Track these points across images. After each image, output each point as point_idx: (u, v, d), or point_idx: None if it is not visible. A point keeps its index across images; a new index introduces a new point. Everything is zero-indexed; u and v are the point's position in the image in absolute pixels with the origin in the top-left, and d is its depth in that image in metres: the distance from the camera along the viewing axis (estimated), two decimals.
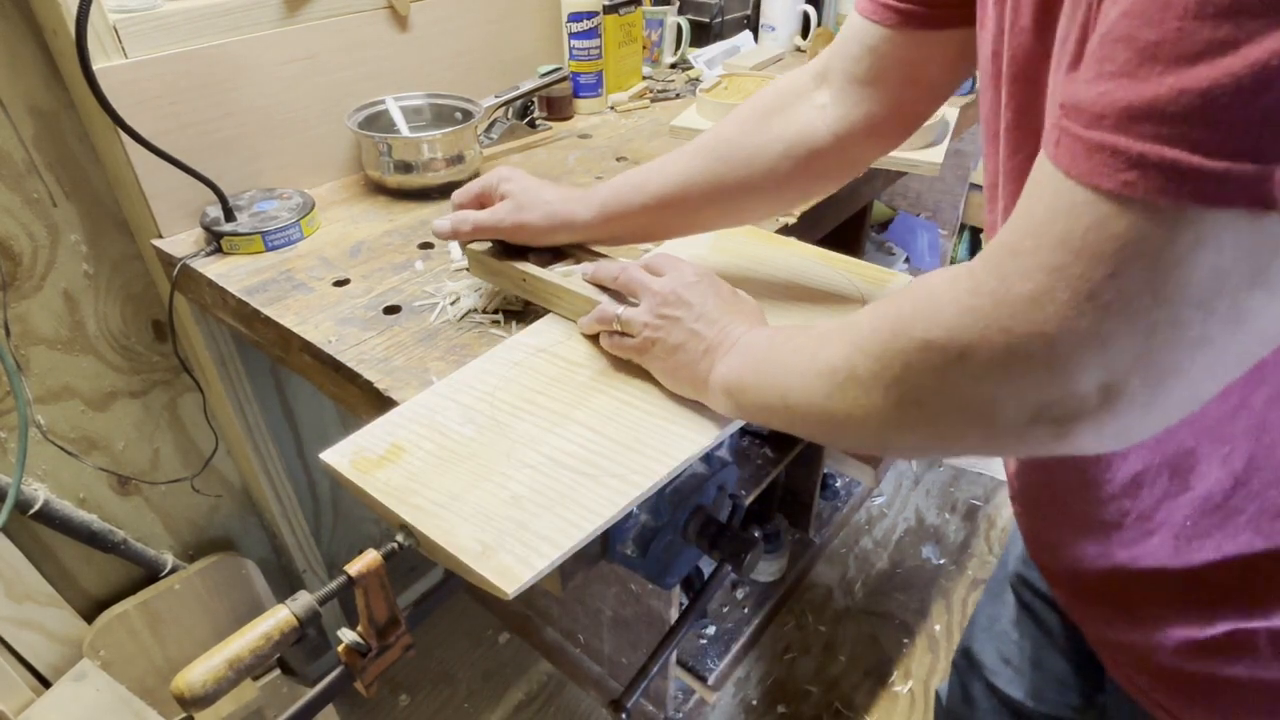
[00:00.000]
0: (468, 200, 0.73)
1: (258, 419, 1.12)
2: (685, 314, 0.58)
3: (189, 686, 0.44)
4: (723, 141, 0.65)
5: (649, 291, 0.60)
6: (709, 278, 0.60)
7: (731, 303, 0.59)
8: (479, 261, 0.74)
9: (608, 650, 1.18)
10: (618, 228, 0.69)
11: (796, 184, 0.66)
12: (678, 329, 0.57)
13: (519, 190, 0.69)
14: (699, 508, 0.66)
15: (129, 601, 1.10)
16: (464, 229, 0.71)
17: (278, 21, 0.93)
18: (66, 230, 0.93)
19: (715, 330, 0.56)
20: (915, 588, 1.68)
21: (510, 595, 0.46)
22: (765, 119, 0.64)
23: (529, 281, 0.70)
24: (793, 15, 1.57)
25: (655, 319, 0.59)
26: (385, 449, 0.57)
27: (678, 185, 0.66)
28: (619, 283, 0.63)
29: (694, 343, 0.56)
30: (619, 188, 0.68)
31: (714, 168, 0.65)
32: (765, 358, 0.51)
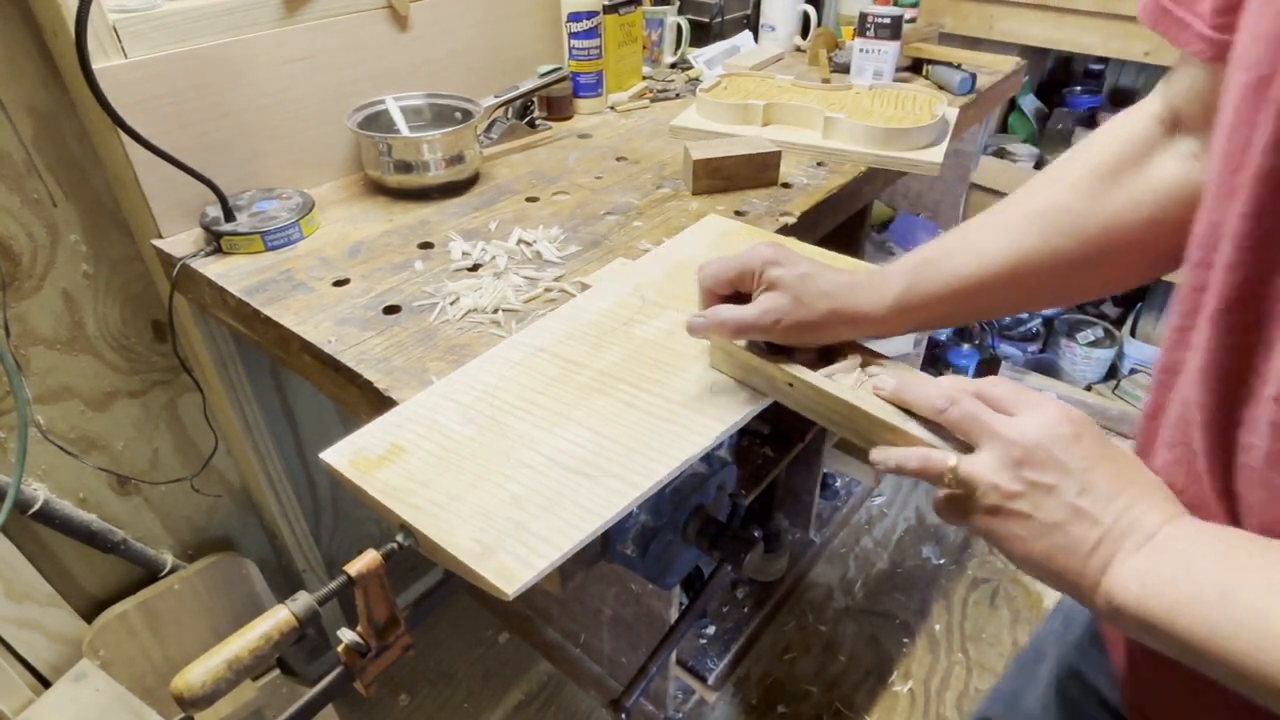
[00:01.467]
0: (721, 285, 0.59)
1: (257, 419, 1.12)
2: (1063, 481, 0.42)
3: (188, 686, 0.44)
4: (1062, 211, 0.53)
5: (1001, 441, 0.44)
6: (1091, 427, 0.44)
7: (1128, 468, 0.44)
8: (730, 357, 0.62)
9: (608, 650, 1.18)
10: (916, 320, 0.57)
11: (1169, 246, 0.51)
12: (1051, 503, 0.42)
13: (793, 280, 0.56)
14: (699, 508, 0.66)
15: (129, 601, 1.10)
16: (727, 332, 0.58)
17: (277, 21, 0.93)
18: (66, 230, 0.93)
19: (1112, 513, 0.41)
20: (915, 587, 1.68)
21: (510, 596, 0.46)
22: (1114, 179, 0.52)
23: (798, 388, 0.57)
24: (793, 15, 1.57)
25: (1013, 482, 0.43)
26: (385, 449, 0.57)
27: (1004, 266, 0.54)
28: (948, 417, 0.47)
29: (1079, 527, 0.41)
30: (918, 272, 0.56)
31: (1056, 243, 0.53)
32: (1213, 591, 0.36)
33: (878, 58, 1.28)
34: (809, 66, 1.47)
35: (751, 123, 1.17)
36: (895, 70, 1.29)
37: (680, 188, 1.03)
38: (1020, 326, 2.06)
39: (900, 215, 1.88)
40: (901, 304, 0.56)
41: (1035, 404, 0.45)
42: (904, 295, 0.56)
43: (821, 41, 1.44)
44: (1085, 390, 1.98)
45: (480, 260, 0.86)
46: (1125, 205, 0.51)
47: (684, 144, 1.03)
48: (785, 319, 0.55)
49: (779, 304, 0.55)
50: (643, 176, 1.06)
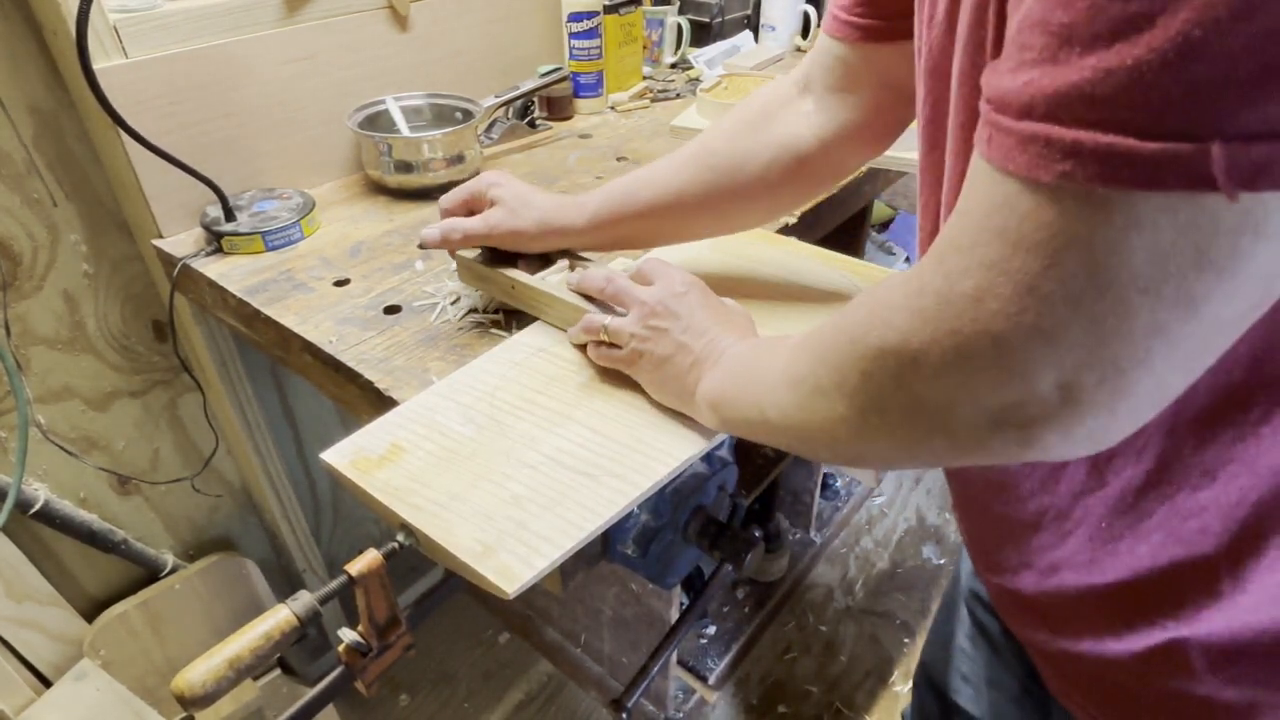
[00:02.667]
0: (455, 206, 0.72)
1: (258, 419, 1.12)
2: (673, 325, 0.57)
3: (189, 686, 0.44)
4: (711, 151, 0.66)
5: (636, 302, 0.59)
6: (698, 287, 0.60)
7: (720, 313, 0.59)
8: (468, 268, 0.74)
9: (608, 650, 1.18)
10: (609, 235, 0.69)
11: (786, 190, 0.67)
12: (665, 341, 0.57)
13: (510, 196, 0.69)
14: (699, 508, 0.66)
15: (129, 601, 1.10)
16: (454, 238, 0.70)
17: (278, 21, 0.93)
18: (66, 230, 0.93)
19: (703, 342, 0.56)
20: (916, 588, 1.68)
21: (510, 595, 0.46)
22: (752, 127, 0.65)
23: (518, 289, 0.69)
24: (793, 15, 1.57)
25: (643, 330, 0.58)
26: (385, 449, 0.57)
27: (670, 194, 0.66)
28: (606, 293, 0.63)
29: (681, 355, 0.56)
30: (611, 195, 0.68)
31: (704, 176, 0.65)
32: (745, 371, 0.51)
33: None
34: None
35: None
36: None
37: None
38: None
39: (900, 215, 1.88)
40: (596, 220, 0.67)
41: (664, 274, 0.60)
42: (597, 213, 0.67)
43: None
44: None
45: None
46: (753, 148, 0.64)
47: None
48: (500, 225, 0.68)
49: (498, 215, 0.68)
50: None
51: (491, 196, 0.69)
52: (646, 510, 0.61)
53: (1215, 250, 0.26)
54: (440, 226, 0.70)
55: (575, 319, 0.65)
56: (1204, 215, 0.26)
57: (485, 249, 0.72)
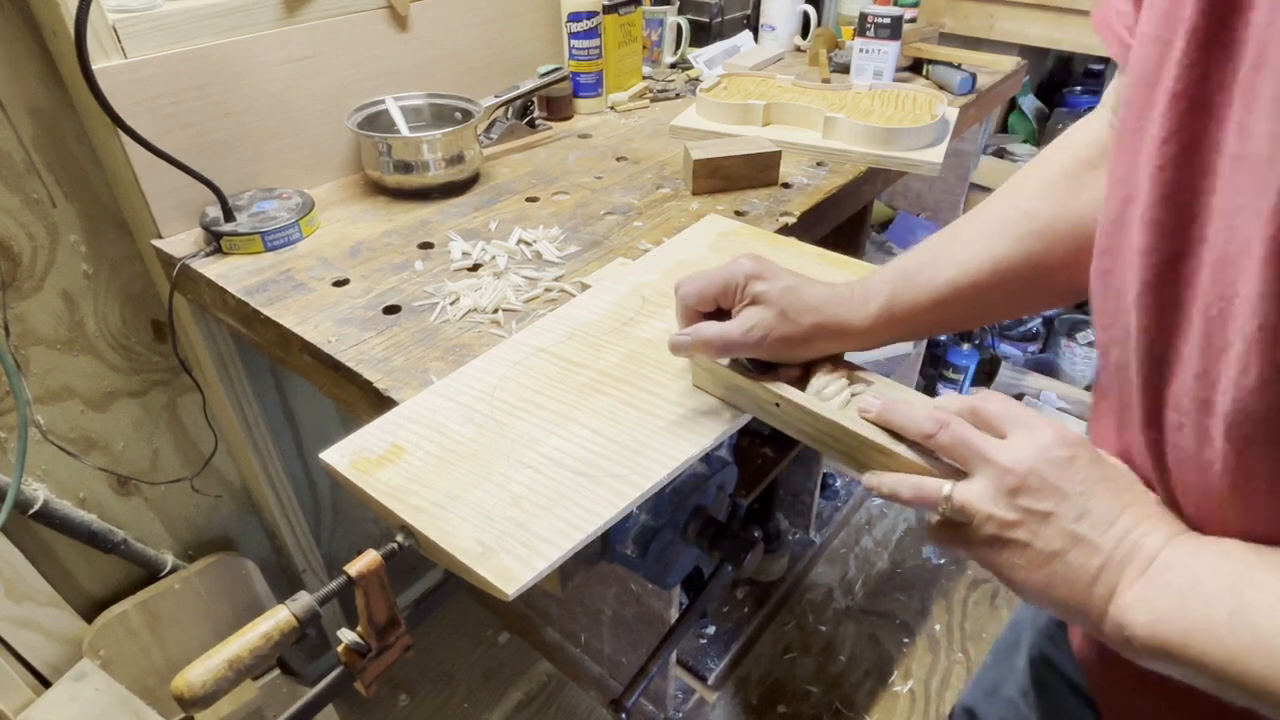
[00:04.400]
0: (703, 302, 0.57)
1: (258, 419, 1.12)
2: (1060, 508, 0.41)
3: (189, 686, 0.44)
4: (1029, 216, 0.53)
5: (995, 466, 0.43)
6: (1085, 448, 0.43)
7: (1125, 489, 0.42)
8: (712, 373, 0.60)
9: (608, 650, 1.18)
10: (900, 330, 0.56)
11: None
12: (1049, 531, 0.41)
13: (777, 295, 0.55)
14: (699, 508, 0.66)
15: (129, 601, 1.10)
16: (712, 350, 0.56)
17: (277, 21, 0.93)
18: (66, 230, 0.93)
19: (1112, 538, 0.40)
20: (916, 587, 1.68)
21: (510, 596, 0.46)
22: (1076, 181, 0.53)
23: (784, 408, 0.55)
24: (793, 15, 1.57)
25: (1010, 511, 0.42)
26: (385, 449, 0.57)
27: (983, 271, 0.54)
28: (938, 443, 0.46)
29: (1080, 554, 0.40)
30: (899, 282, 0.56)
31: (1028, 247, 0.53)
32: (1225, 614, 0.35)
33: (878, 58, 1.28)
34: (809, 66, 1.47)
35: (751, 123, 1.17)
36: (895, 70, 1.29)
37: (680, 188, 1.03)
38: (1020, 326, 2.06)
39: (900, 215, 1.88)
40: (885, 316, 0.55)
41: (1028, 424, 0.44)
42: (887, 307, 0.55)
43: (821, 41, 1.44)
44: (1085, 390, 1.98)
45: (480, 260, 0.86)
46: (1088, 205, 0.52)
47: (684, 144, 1.03)
48: (771, 334, 0.54)
49: (764, 319, 0.54)
50: (643, 176, 1.06)
51: (753, 294, 0.55)
52: (646, 510, 0.61)
53: None
54: (695, 336, 0.55)
55: (872, 457, 0.51)
56: None
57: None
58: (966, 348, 1.89)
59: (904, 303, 0.55)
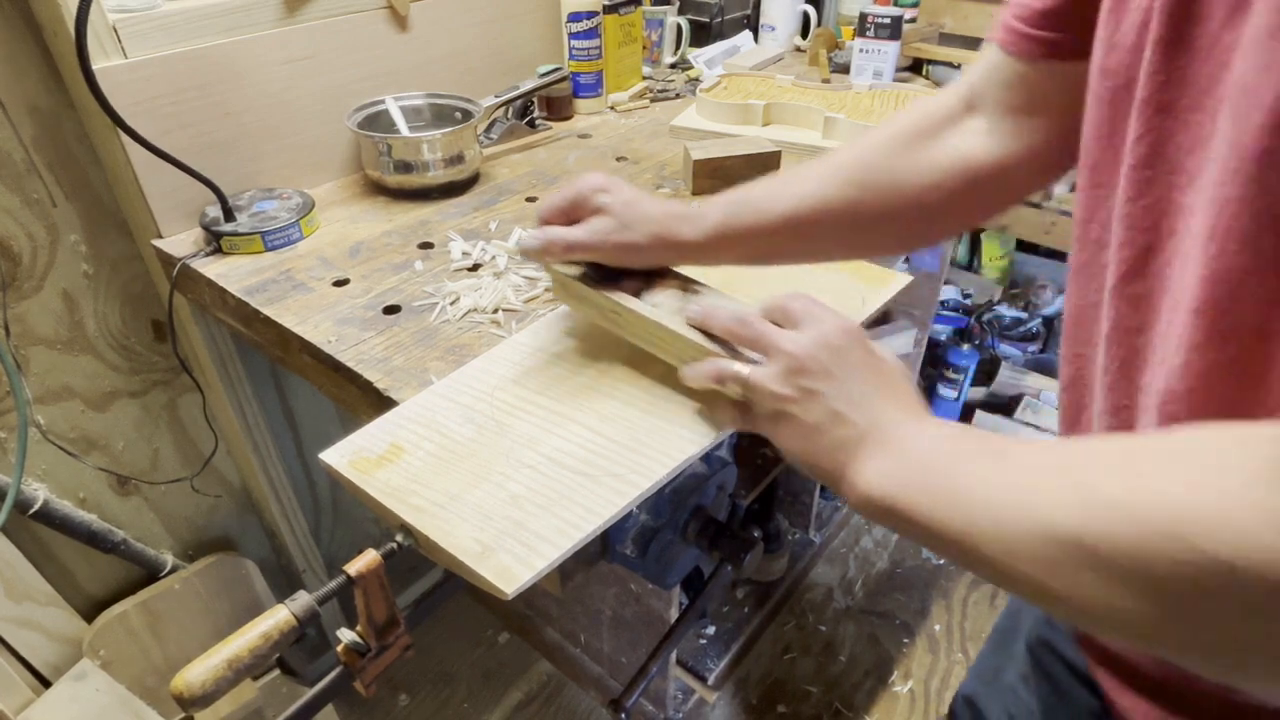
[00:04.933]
0: (554, 214, 0.63)
1: (258, 419, 1.12)
2: (827, 388, 0.47)
3: (188, 686, 0.44)
4: (863, 165, 0.58)
5: (780, 351, 0.49)
6: (856, 337, 0.50)
7: (883, 376, 0.49)
8: (565, 287, 0.65)
9: (608, 650, 1.18)
10: (731, 252, 0.61)
11: (948, 214, 0.59)
12: (816, 406, 0.47)
13: (619, 205, 0.60)
14: (699, 508, 0.66)
15: (129, 601, 1.10)
16: (556, 250, 0.61)
17: (277, 21, 0.93)
18: (66, 230, 0.93)
19: (864, 416, 0.46)
20: (915, 587, 1.68)
21: (509, 596, 0.46)
22: (913, 144, 0.58)
23: (623, 316, 0.61)
24: (792, 15, 1.57)
25: (789, 389, 0.48)
26: (384, 449, 0.57)
27: (808, 209, 0.58)
28: (739, 335, 0.53)
29: (837, 428, 0.46)
30: (736, 207, 0.60)
31: (852, 192, 0.58)
32: (935, 481, 0.41)
33: (878, 58, 1.28)
34: (809, 66, 1.47)
35: (751, 123, 1.17)
36: (895, 70, 1.29)
37: (680, 188, 1.03)
38: (1020, 327, 2.06)
39: None
40: (718, 235, 0.59)
41: (817, 318, 0.50)
42: (720, 226, 0.59)
43: (821, 41, 1.44)
44: None
45: (480, 260, 0.86)
46: (913, 167, 0.57)
47: (684, 144, 1.03)
48: (611, 238, 0.59)
49: (606, 225, 0.60)
50: (643, 176, 1.06)
51: (597, 204, 0.61)
52: (646, 510, 0.61)
53: None
54: (541, 236, 0.61)
55: (692, 356, 0.57)
56: None
57: (587, 264, 0.64)
58: (966, 348, 1.89)
59: (738, 226, 0.59)
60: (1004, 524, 0.36)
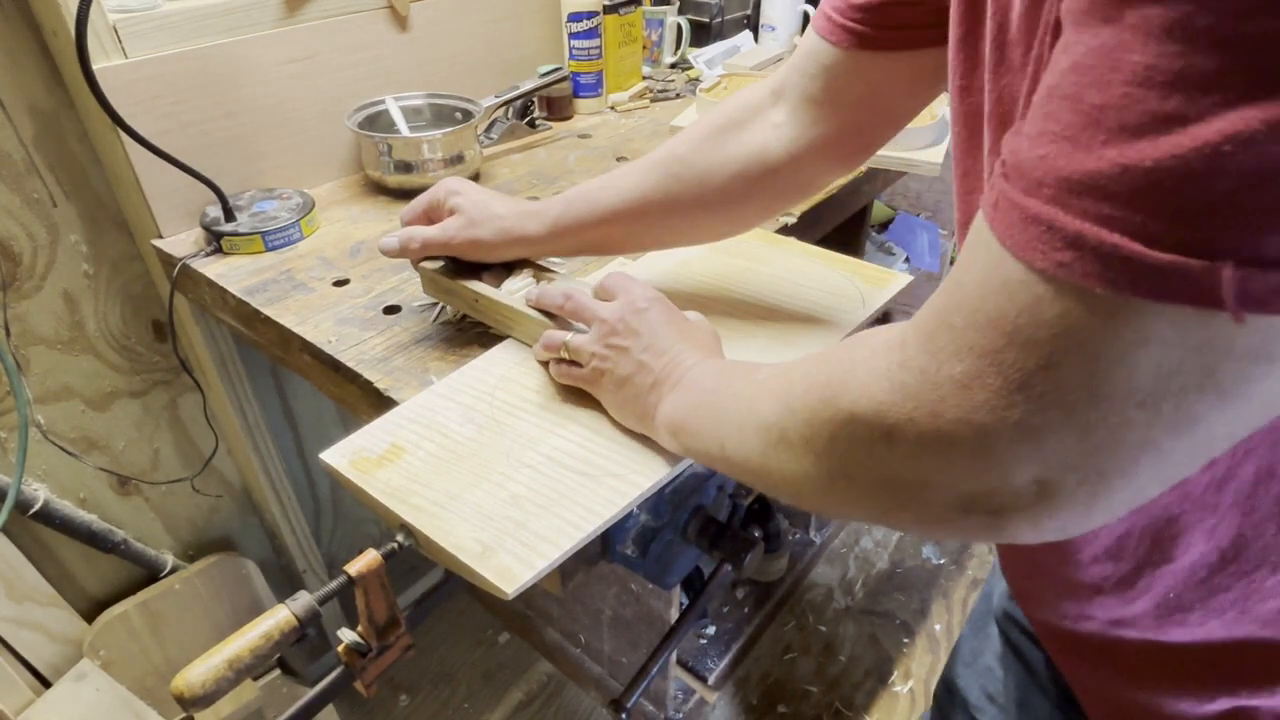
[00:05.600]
0: (415, 216, 0.70)
1: (258, 419, 1.12)
2: (633, 343, 0.55)
3: (189, 686, 0.44)
4: (678, 158, 0.63)
5: (596, 319, 0.58)
6: (659, 303, 0.58)
7: (683, 330, 0.56)
8: (431, 280, 0.71)
9: (608, 650, 1.18)
10: (571, 243, 0.67)
11: (750, 203, 0.64)
12: (625, 360, 0.55)
13: (469, 204, 0.66)
14: (699, 508, 0.66)
15: (129, 601, 1.10)
16: (413, 246, 0.68)
17: (278, 21, 0.93)
18: (66, 230, 0.93)
19: (663, 362, 0.54)
20: (915, 587, 1.68)
21: (510, 595, 0.46)
22: (721, 136, 0.62)
23: (481, 303, 0.68)
24: (793, 15, 1.57)
25: (603, 348, 0.56)
26: (385, 449, 0.57)
27: (630, 202, 0.64)
28: (565, 310, 0.61)
29: (641, 375, 0.54)
30: (572, 201, 0.65)
31: (667, 185, 0.63)
32: (706, 400, 0.49)
33: None
34: None
35: None
36: None
37: None
38: None
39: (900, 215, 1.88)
40: (556, 227, 0.65)
41: (626, 289, 0.58)
42: (557, 220, 0.65)
43: None
44: None
45: None
46: (722, 158, 0.61)
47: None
48: (461, 234, 0.66)
49: (456, 224, 0.66)
50: None
51: (450, 205, 0.67)
52: (646, 510, 0.61)
53: (1222, 373, 0.25)
54: (399, 235, 0.68)
55: (536, 332, 0.63)
56: (1219, 337, 0.24)
57: (449, 260, 0.70)
58: None
59: (572, 219, 0.65)
60: (741, 427, 0.44)
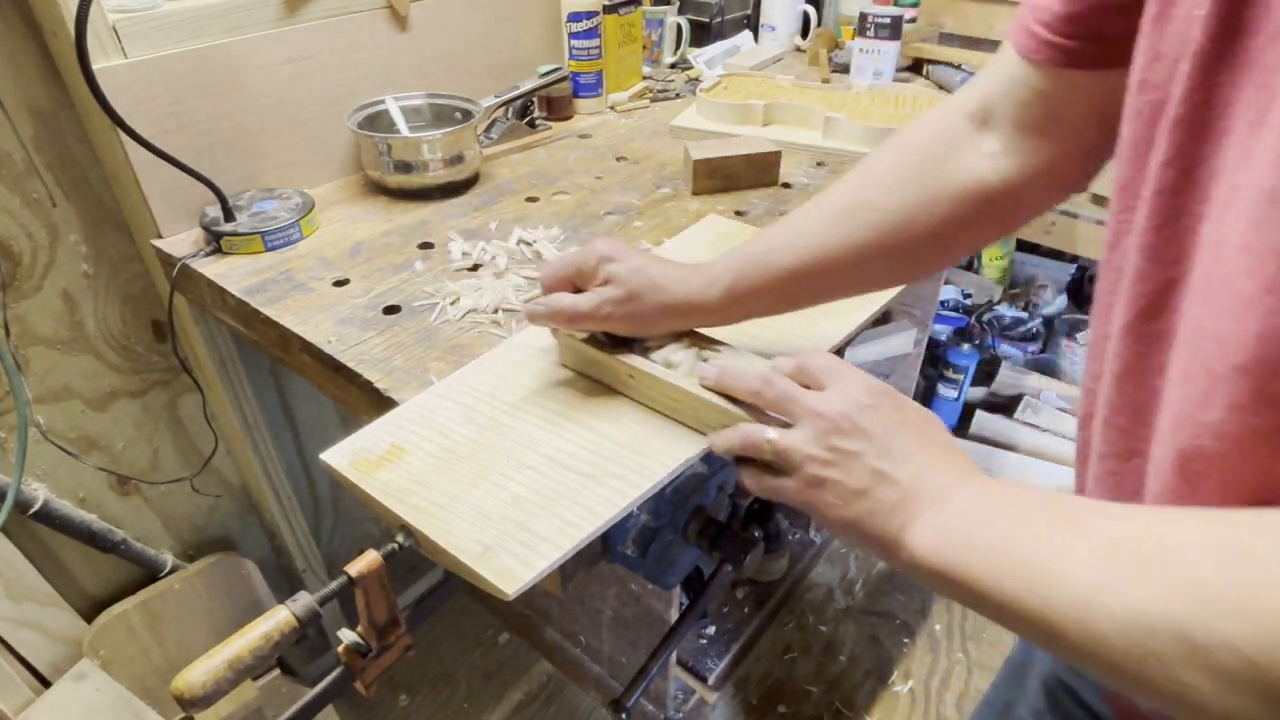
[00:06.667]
0: (559, 283, 0.61)
1: (258, 419, 1.12)
2: (866, 447, 0.45)
3: (189, 686, 0.44)
4: (867, 205, 0.56)
5: (810, 413, 0.47)
6: (890, 395, 0.47)
7: (923, 432, 0.46)
8: (573, 351, 0.63)
9: (608, 650, 1.18)
10: (745, 311, 0.60)
11: (963, 242, 0.57)
12: (857, 468, 0.45)
13: (627, 274, 0.58)
14: (699, 508, 0.66)
15: (129, 601, 1.10)
16: (562, 319, 0.59)
17: (277, 21, 0.93)
18: (66, 230, 0.93)
19: (909, 474, 0.44)
20: (916, 587, 1.68)
21: (510, 596, 0.46)
22: (918, 173, 0.55)
23: (637, 379, 0.59)
24: (793, 15, 1.57)
25: (824, 451, 0.46)
26: (385, 449, 0.57)
27: (816, 259, 0.57)
28: (763, 398, 0.50)
29: (881, 489, 0.44)
30: (744, 265, 0.58)
31: (860, 234, 0.56)
32: (1001, 545, 0.38)
33: (878, 58, 1.28)
34: (809, 66, 1.47)
35: (751, 123, 1.17)
36: (895, 70, 1.29)
37: (680, 188, 1.03)
38: (1020, 327, 2.06)
39: None
40: (729, 296, 0.58)
41: (843, 376, 0.48)
42: (731, 288, 0.58)
43: (821, 41, 1.44)
44: None
45: (480, 260, 0.86)
46: (924, 202, 0.54)
47: (684, 144, 1.03)
48: (618, 309, 0.57)
49: (613, 295, 0.58)
50: (643, 176, 1.06)
51: (606, 274, 0.58)
52: (646, 511, 0.61)
53: None
54: (548, 305, 0.59)
55: (712, 419, 0.55)
56: None
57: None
58: (966, 348, 1.89)
59: (745, 286, 0.58)
60: (1092, 608, 0.33)
